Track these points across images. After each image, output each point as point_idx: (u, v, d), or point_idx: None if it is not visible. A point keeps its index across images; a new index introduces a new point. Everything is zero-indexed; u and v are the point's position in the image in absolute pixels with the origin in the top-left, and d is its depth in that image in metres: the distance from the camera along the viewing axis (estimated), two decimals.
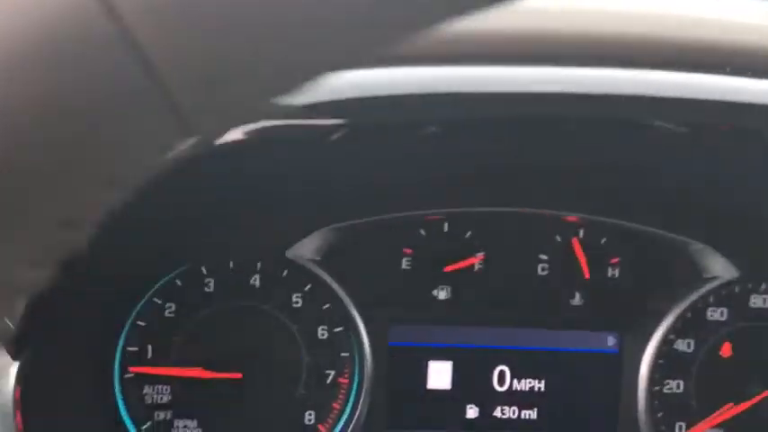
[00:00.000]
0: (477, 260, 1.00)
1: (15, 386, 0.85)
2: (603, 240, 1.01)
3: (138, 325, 0.96)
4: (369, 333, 0.99)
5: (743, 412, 1.00)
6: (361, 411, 0.99)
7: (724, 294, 1.02)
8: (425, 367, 1.01)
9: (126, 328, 0.96)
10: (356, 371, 1.00)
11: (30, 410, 0.86)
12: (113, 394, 0.96)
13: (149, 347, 0.97)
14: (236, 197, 0.92)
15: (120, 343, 0.96)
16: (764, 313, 1.03)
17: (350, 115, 0.81)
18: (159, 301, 0.97)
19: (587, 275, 0.99)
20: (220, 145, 0.79)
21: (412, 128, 0.87)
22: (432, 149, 0.92)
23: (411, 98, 0.81)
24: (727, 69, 0.82)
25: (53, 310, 0.87)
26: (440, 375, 1.01)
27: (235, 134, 0.79)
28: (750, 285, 1.02)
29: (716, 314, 1.03)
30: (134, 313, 0.97)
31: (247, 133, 0.79)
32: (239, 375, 0.96)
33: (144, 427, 0.97)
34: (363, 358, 0.99)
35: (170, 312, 0.97)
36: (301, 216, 0.97)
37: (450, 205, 1.00)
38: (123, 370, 0.97)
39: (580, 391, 1.03)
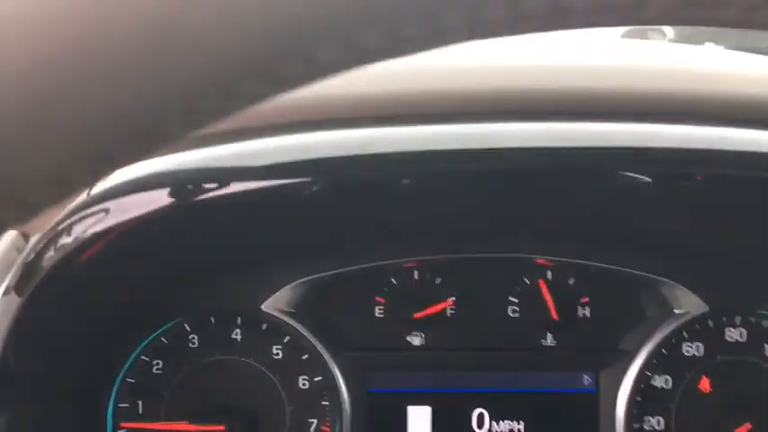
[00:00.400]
0: (447, 305, 1.03)
1: None
2: (572, 281, 1.03)
3: (128, 381, 1.01)
4: (346, 381, 1.02)
5: None
6: None
7: (699, 329, 1.03)
8: (405, 413, 1.04)
9: (116, 385, 1.01)
10: (337, 419, 1.02)
11: None
12: None
13: (140, 403, 1.02)
14: (210, 257, 0.98)
15: (112, 400, 1.00)
16: (740, 347, 1.03)
17: (316, 175, 0.87)
18: (147, 359, 1.02)
19: (555, 316, 1.01)
20: (192, 207, 0.87)
21: (376, 185, 0.91)
22: (398, 202, 0.96)
23: (377, 157, 0.85)
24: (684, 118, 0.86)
25: (46, 366, 0.92)
26: (419, 420, 1.04)
27: (206, 195, 0.86)
28: (724, 319, 1.03)
29: (692, 349, 1.04)
30: (123, 371, 1.01)
31: (218, 196, 0.87)
32: (222, 427, 0.99)
33: None
34: (343, 406, 1.01)
35: (158, 369, 1.02)
36: (274, 271, 1.01)
37: (419, 254, 1.03)
38: (116, 426, 1.00)
39: (559, 431, 1.04)
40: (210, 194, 0.82)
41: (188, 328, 1.03)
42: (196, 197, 0.80)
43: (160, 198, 0.80)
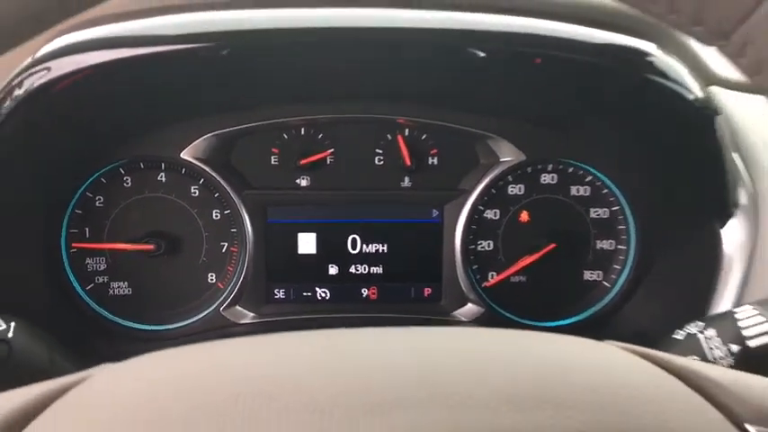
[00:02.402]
0: (327, 154, 1.21)
1: None
2: (424, 137, 1.21)
3: (77, 212, 1.19)
4: (249, 214, 1.19)
5: (534, 261, 1.22)
6: (247, 271, 1.20)
7: (520, 174, 1.22)
8: (296, 238, 1.22)
9: (67, 215, 1.18)
10: (242, 243, 1.21)
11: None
12: (62, 265, 1.18)
13: (87, 229, 1.19)
14: (138, 113, 1.13)
15: (65, 227, 1.18)
16: (551, 188, 1.23)
17: (225, 44, 0.97)
18: (91, 195, 1.19)
19: (408, 163, 1.19)
20: (118, 66, 0.93)
21: (268, 57, 1.02)
22: (288, 72, 1.08)
23: (273, 32, 0.97)
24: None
25: (12, 204, 1.05)
26: (307, 243, 1.22)
27: (129, 54, 0.93)
28: (539, 167, 1.22)
29: (515, 189, 1.23)
30: (72, 204, 1.18)
31: (138, 56, 0.94)
32: (151, 247, 1.17)
33: (88, 287, 1.20)
34: (246, 233, 1.20)
35: (99, 203, 1.19)
36: (190, 126, 1.16)
37: (306, 114, 1.18)
38: (68, 246, 1.19)
39: (413, 251, 1.23)
40: (132, 54, 0.92)
41: (122, 171, 1.18)
42: (120, 57, 0.92)
43: (92, 58, 0.92)
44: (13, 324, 0.82)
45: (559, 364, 0.55)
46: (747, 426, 0.52)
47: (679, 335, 0.87)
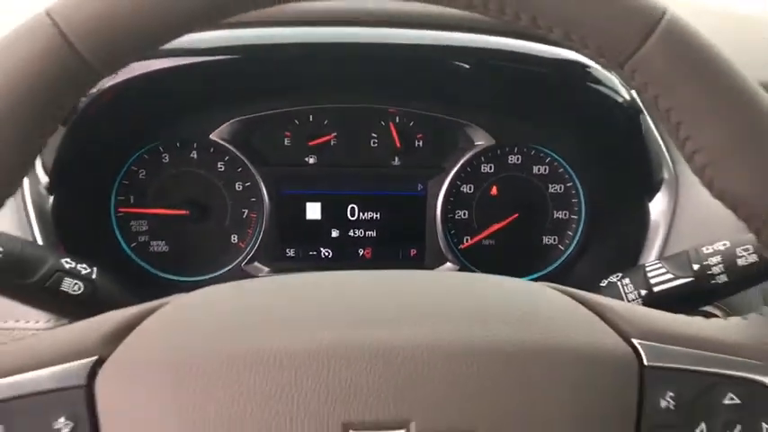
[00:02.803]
0: (331, 137, 1.38)
1: (54, 217, 1.15)
2: (411, 124, 1.39)
3: (123, 183, 1.37)
4: (266, 186, 1.36)
5: (502, 227, 1.42)
6: (264, 233, 1.38)
7: (491, 155, 1.41)
8: (304, 206, 1.39)
9: (116, 185, 1.36)
10: (261, 210, 1.38)
11: (63, 232, 1.20)
12: (112, 226, 1.37)
13: (131, 197, 1.37)
14: (176, 104, 1.32)
15: (113, 194, 1.37)
16: (517, 167, 1.42)
17: (249, 53, 1.19)
18: (135, 168, 1.36)
19: (398, 146, 1.38)
20: (167, 71, 1.14)
21: (285, 64, 1.23)
22: (301, 74, 1.29)
23: (291, 46, 1.18)
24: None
25: (77, 173, 1.24)
26: (313, 211, 1.40)
27: (174, 64, 1.14)
28: (507, 149, 1.41)
29: (486, 168, 1.41)
30: (120, 176, 1.36)
31: (182, 65, 1.15)
32: (186, 212, 1.36)
33: (132, 245, 1.39)
34: (264, 202, 1.37)
35: (142, 176, 1.37)
36: (218, 112, 1.33)
37: (314, 104, 1.36)
38: (116, 211, 1.37)
39: (401, 219, 1.40)
40: (176, 64, 1.13)
41: (161, 150, 1.36)
42: (168, 65, 1.13)
43: (146, 66, 1.13)
44: (95, 268, 1.06)
45: (497, 293, 0.68)
46: (633, 339, 0.63)
47: (604, 283, 1.12)
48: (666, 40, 0.58)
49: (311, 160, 1.39)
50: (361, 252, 1.41)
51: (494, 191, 1.42)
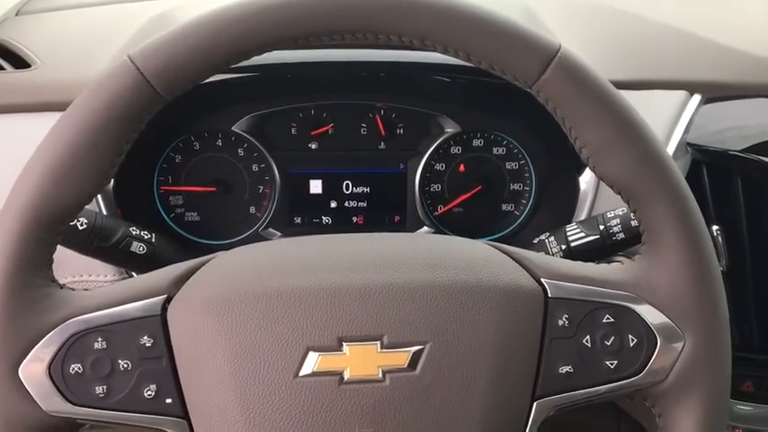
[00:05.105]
0: (329, 128, 1.60)
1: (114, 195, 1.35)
2: (393, 115, 1.60)
3: (163, 166, 1.59)
4: (278, 167, 1.56)
5: (468, 198, 1.65)
6: (276, 205, 1.59)
7: (459, 139, 1.63)
8: (308, 183, 1.60)
9: (158, 167, 1.59)
10: (273, 186, 1.60)
11: (121, 206, 1.38)
12: (155, 201, 1.60)
13: (169, 177, 1.60)
14: (204, 102, 1.54)
15: (156, 175, 1.60)
16: (480, 149, 1.64)
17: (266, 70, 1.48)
18: (172, 155, 1.59)
19: (383, 133, 1.59)
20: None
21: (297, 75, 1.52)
22: (306, 79, 1.55)
23: (298, 65, 1.48)
24: None
25: (126, 160, 1.52)
26: (316, 187, 1.59)
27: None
28: (472, 135, 1.64)
29: (455, 150, 1.63)
30: (160, 160, 1.59)
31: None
32: (214, 189, 1.50)
33: (171, 215, 1.62)
34: (275, 179, 1.59)
35: (178, 160, 1.59)
36: (238, 109, 1.45)
37: (315, 101, 1.48)
38: (158, 188, 1.61)
39: (387, 192, 1.52)
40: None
41: (192, 138, 1.56)
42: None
43: None
44: (154, 234, 1.40)
45: (446, 247, 0.85)
46: (542, 279, 0.83)
47: (536, 240, 1.47)
48: (560, 69, 0.78)
49: (313, 146, 1.54)
50: (354, 219, 1.54)
51: (461, 168, 1.56)
